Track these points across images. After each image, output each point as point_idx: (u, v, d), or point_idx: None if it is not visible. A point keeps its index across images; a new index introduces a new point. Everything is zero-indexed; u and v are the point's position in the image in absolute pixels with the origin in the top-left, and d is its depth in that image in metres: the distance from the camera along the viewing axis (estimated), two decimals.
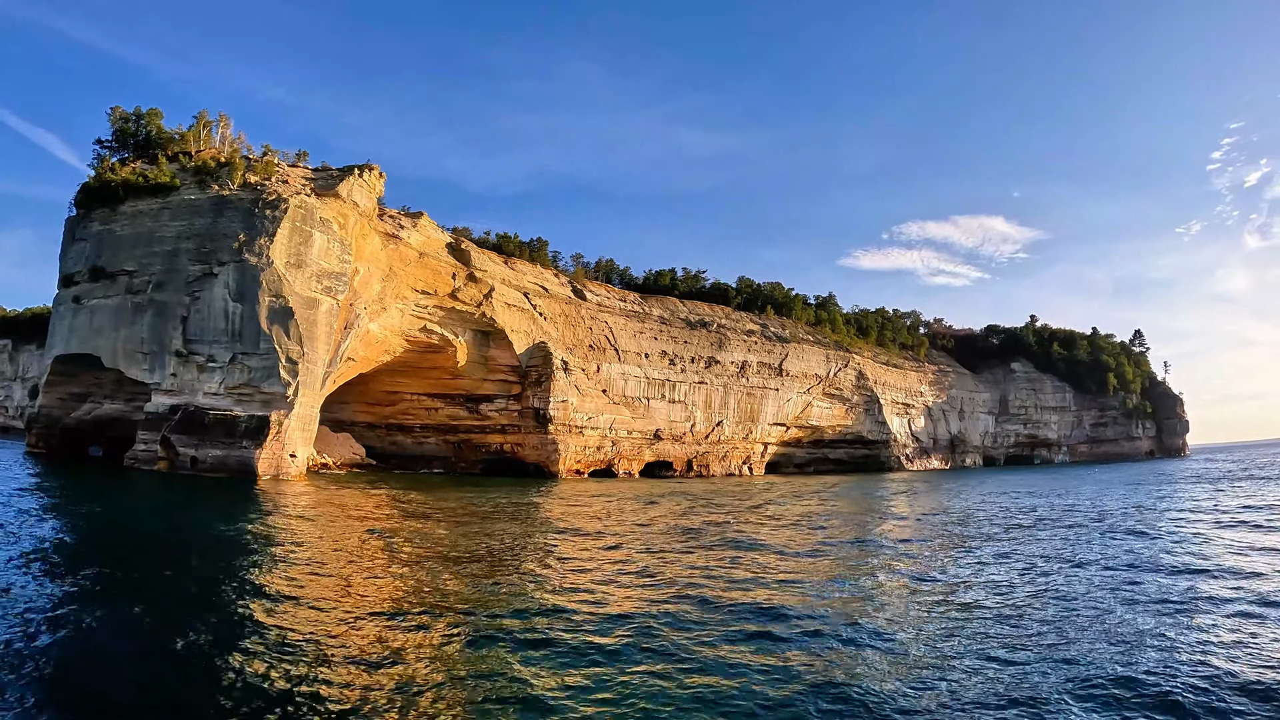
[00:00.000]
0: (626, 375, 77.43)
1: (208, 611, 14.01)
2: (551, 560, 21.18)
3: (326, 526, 25.96)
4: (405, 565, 19.54)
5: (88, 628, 12.72)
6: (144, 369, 44.56)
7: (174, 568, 17.96)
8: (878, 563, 21.67)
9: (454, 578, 17.97)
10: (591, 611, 14.76)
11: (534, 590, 16.71)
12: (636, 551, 22.75)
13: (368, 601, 15.27)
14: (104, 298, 46.74)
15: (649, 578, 18.65)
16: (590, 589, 17.00)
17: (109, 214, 49.58)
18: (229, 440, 41.70)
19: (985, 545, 24.85)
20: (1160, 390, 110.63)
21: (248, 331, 43.26)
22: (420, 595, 15.95)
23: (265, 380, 42.65)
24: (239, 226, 45.28)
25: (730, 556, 22.12)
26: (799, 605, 15.60)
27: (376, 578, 17.80)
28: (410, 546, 22.54)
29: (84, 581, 16.05)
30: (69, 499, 32.23)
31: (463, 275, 64.30)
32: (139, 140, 56.19)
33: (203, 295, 44.35)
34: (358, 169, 52.78)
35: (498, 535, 25.39)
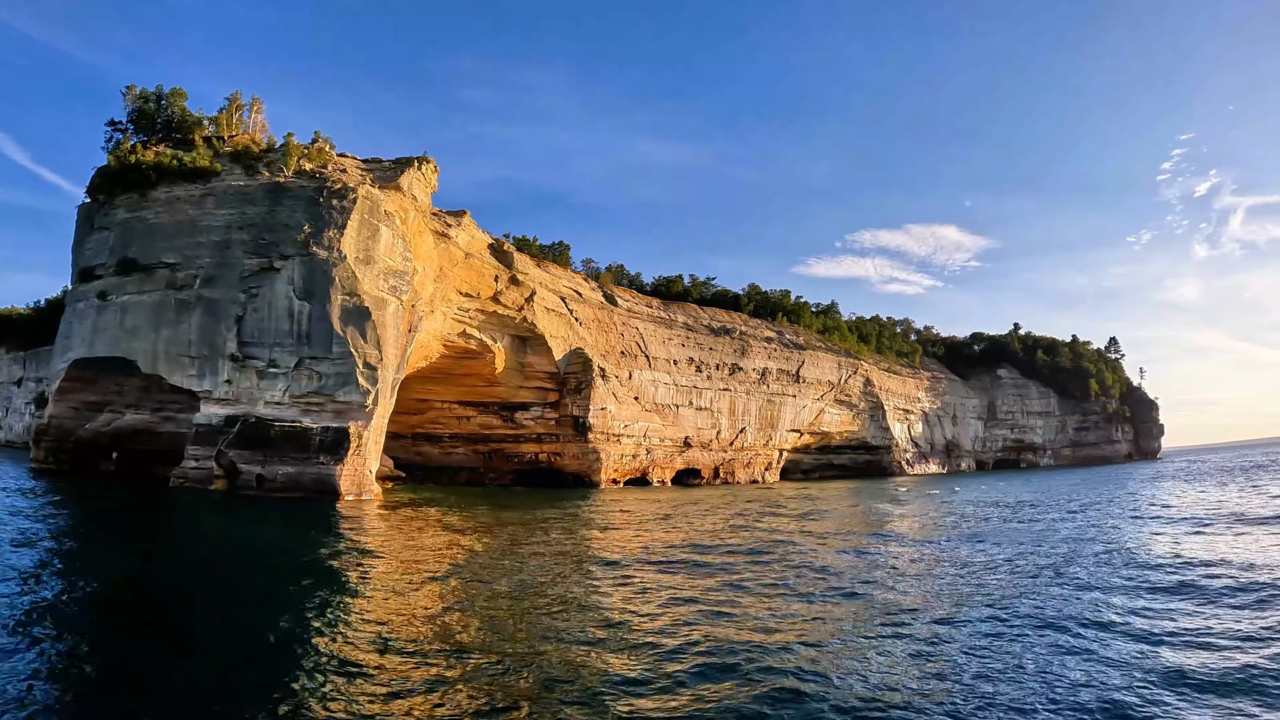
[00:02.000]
0: (657, 382, 76.04)
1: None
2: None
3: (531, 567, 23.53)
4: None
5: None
6: (191, 375, 39.83)
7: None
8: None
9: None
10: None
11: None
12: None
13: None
14: (139, 294, 41.61)
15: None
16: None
17: (138, 200, 44.36)
18: (301, 456, 37.69)
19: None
20: (1137, 395, 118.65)
21: (317, 333, 39.37)
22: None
23: (340, 388, 38.87)
24: (302, 217, 41.29)
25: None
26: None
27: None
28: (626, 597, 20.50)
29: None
30: (146, 535, 28.29)
31: (505, 278, 61.37)
32: (160, 122, 50.77)
33: (261, 292, 40.11)
34: (416, 161, 49.41)
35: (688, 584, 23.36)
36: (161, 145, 49.58)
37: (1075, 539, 26.79)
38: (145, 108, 51.06)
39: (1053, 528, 30.89)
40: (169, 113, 51.14)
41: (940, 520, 36.62)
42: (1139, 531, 28.39)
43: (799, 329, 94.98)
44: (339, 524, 29.42)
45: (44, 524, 26.33)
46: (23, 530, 24.05)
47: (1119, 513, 36.35)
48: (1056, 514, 37.15)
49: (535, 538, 28.16)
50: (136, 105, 51.30)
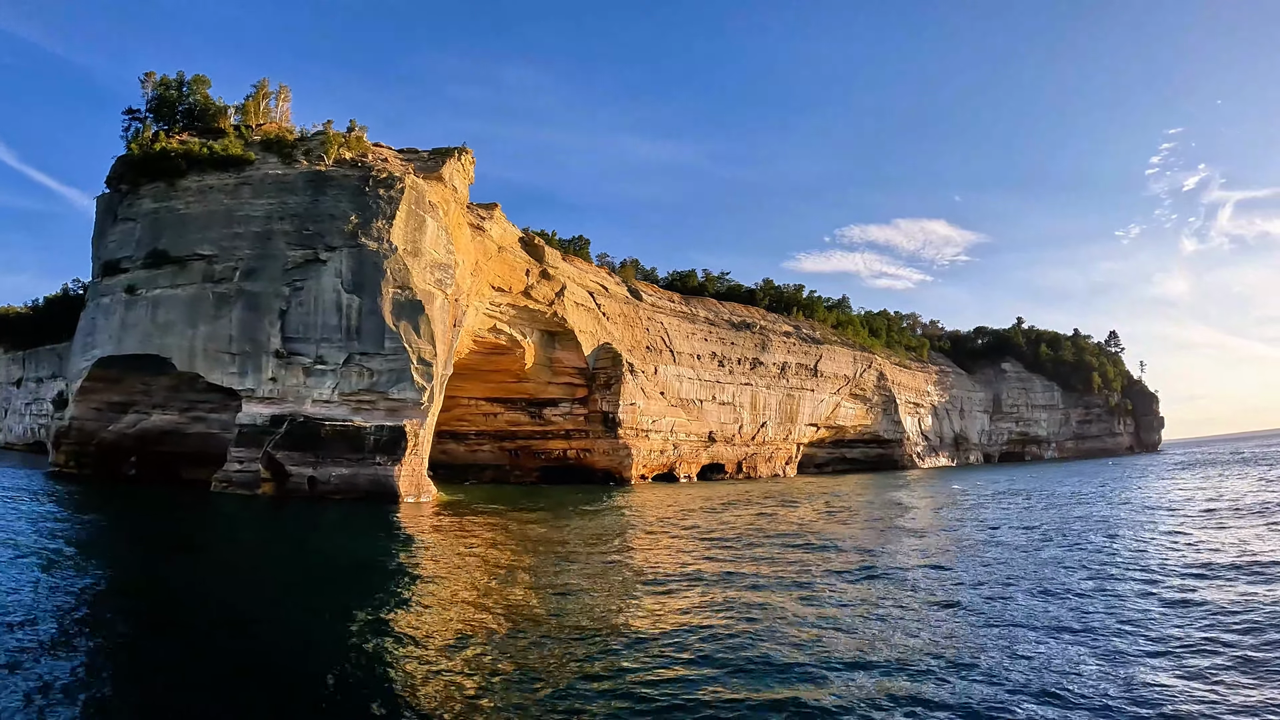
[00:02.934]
0: (681, 377, 75.17)
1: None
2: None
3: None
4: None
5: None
6: (232, 373, 37.89)
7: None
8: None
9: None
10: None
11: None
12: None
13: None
14: (172, 287, 39.48)
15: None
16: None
17: (166, 189, 42.12)
18: (355, 457, 36.06)
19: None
20: (1138, 389, 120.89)
21: (368, 328, 37.69)
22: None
23: (394, 385, 37.27)
24: (348, 207, 39.48)
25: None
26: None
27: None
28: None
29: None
30: (209, 546, 26.73)
31: (536, 272, 59.93)
32: (182, 110, 48.37)
33: (307, 285, 38.27)
34: (456, 152, 47.71)
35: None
36: (185, 134, 47.31)
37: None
38: (167, 95, 48.63)
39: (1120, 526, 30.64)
40: (191, 100, 48.80)
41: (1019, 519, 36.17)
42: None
43: (814, 323, 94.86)
44: (413, 530, 28.04)
45: (93, 534, 24.61)
46: (79, 543, 22.37)
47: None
48: (1107, 507, 37.06)
49: (620, 537, 27.12)
50: (157, 93, 48.83)
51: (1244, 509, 31.94)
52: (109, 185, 46.81)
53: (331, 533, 28.34)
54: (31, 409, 72.37)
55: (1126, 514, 32.92)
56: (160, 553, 22.97)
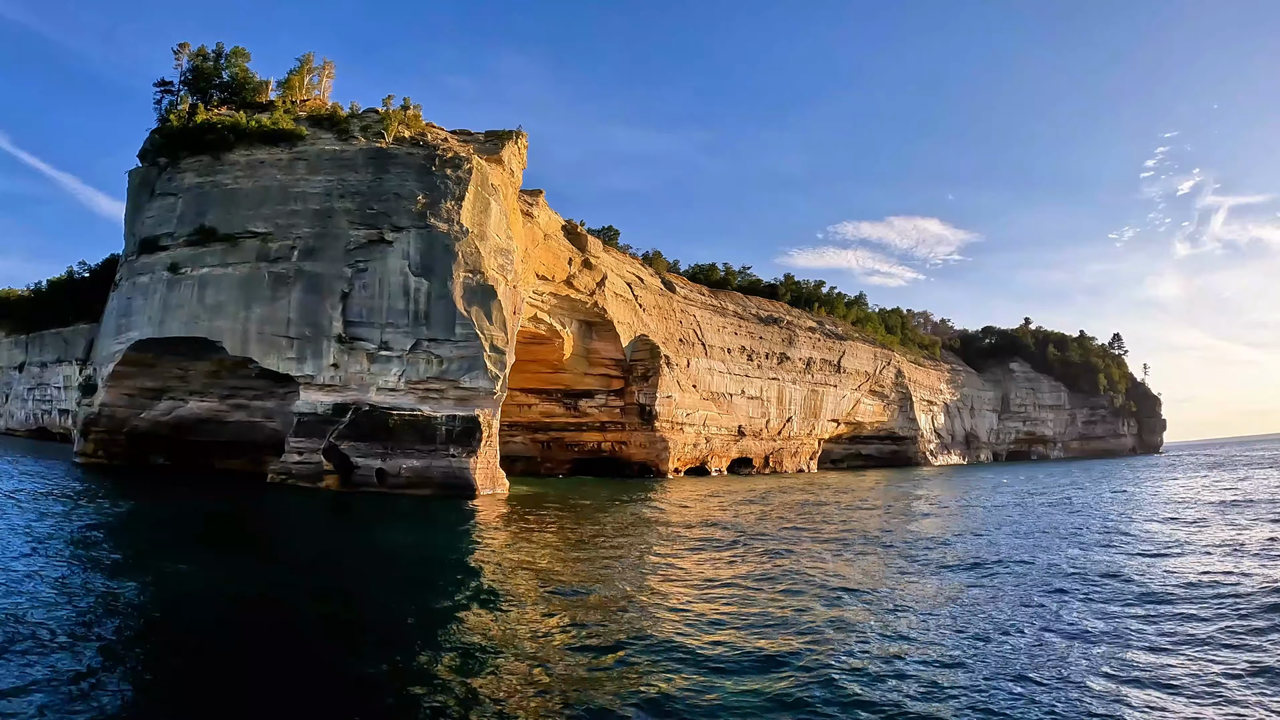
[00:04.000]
0: (712, 370, 74.11)
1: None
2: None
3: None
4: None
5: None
6: (290, 358, 35.74)
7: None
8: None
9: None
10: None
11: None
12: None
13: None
14: (222, 266, 37.13)
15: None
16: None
17: (211, 163, 39.67)
18: (427, 448, 34.24)
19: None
20: (1141, 391, 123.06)
21: (437, 313, 35.81)
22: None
23: (466, 373, 35.47)
24: (415, 186, 37.47)
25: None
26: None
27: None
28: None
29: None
30: (286, 542, 24.99)
31: (578, 261, 58.23)
32: (220, 83, 45.74)
33: (371, 267, 36.22)
34: (513, 135, 45.76)
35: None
36: (224, 107, 44.75)
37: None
38: (203, 67, 45.98)
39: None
40: (230, 73, 46.15)
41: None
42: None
43: (836, 320, 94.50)
44: (499, 524, 26.52)
45: (154, 532, 22.62)
46: (143, 540, 20.56)
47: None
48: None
49: (705, 528, 25.92)
50: (193, 64, 46.15)
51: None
52: (142, 159, 44.14)
53: (415, 528, 26.60)
54: (35, 394, 68.63)
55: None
56: (241, 550, 21.19)
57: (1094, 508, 35.46)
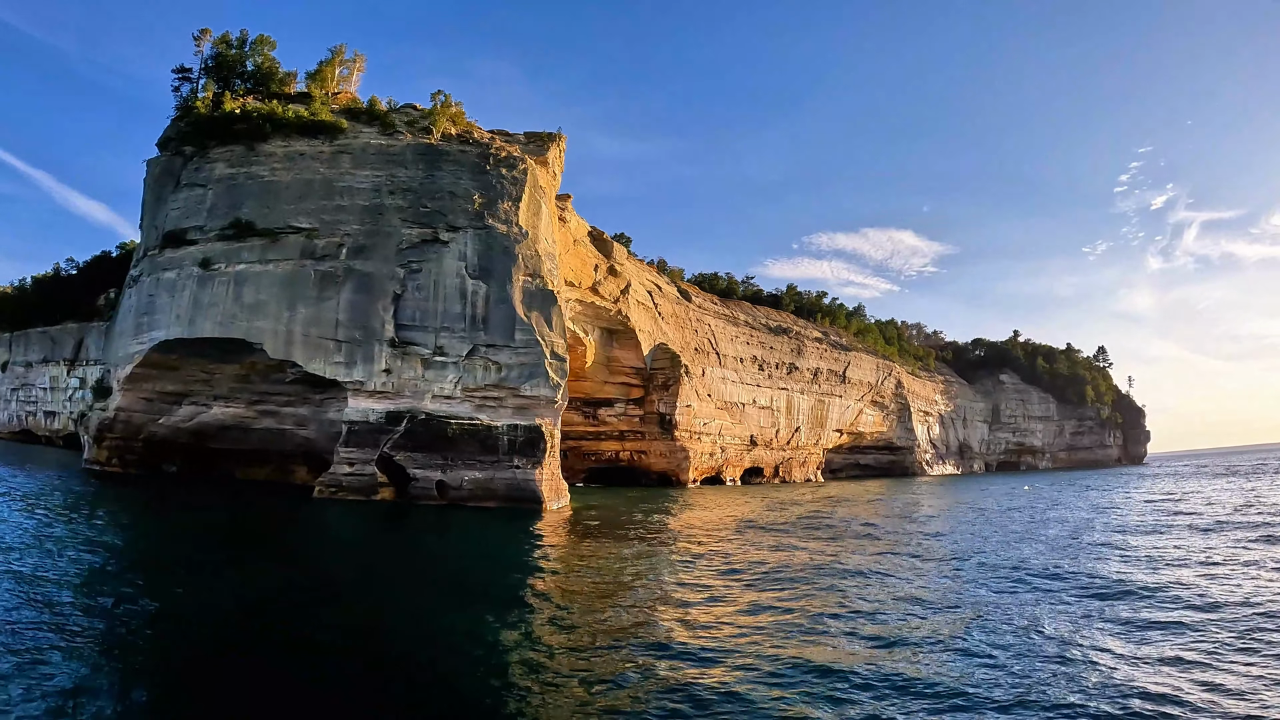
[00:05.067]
0: (726, 379, 73.74)
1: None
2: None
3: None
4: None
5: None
6: (337, 362, 33.83)
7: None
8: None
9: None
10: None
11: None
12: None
13: None
14: (261, 263, 35.03)
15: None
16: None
17: (244, 154, 37.56)
18: (489, 459, 32.69)
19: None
20: (1126, 403, 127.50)
21: (497, 318, 34.39)
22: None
23: (527, 380, 34.08)
24: (471, 185, 36.05)
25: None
26: None
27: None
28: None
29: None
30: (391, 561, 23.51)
31: (604, 268, 57.30)
32: (245, 72, 43.56)
33: (426, 268, 34.62)
34: (557, 137, 44.66)
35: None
36: (249, 97, 42.61)
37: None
38: (227, 55, 43.70)
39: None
40: (256, 62, 44.00)
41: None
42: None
43: (839, 330, 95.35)
44: (577, 539, 25.36)
45: (211, 547, 20.92)
46: (197, 558, 18.95)
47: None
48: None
49: (776, 534, 25.18)
50: (217, 51, 43.81)
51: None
52: (163, 148, 41.64)
53: (491, 542, 25.24)
54: (19, 395, 64.07)
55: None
56: (308, 567, 19.66)
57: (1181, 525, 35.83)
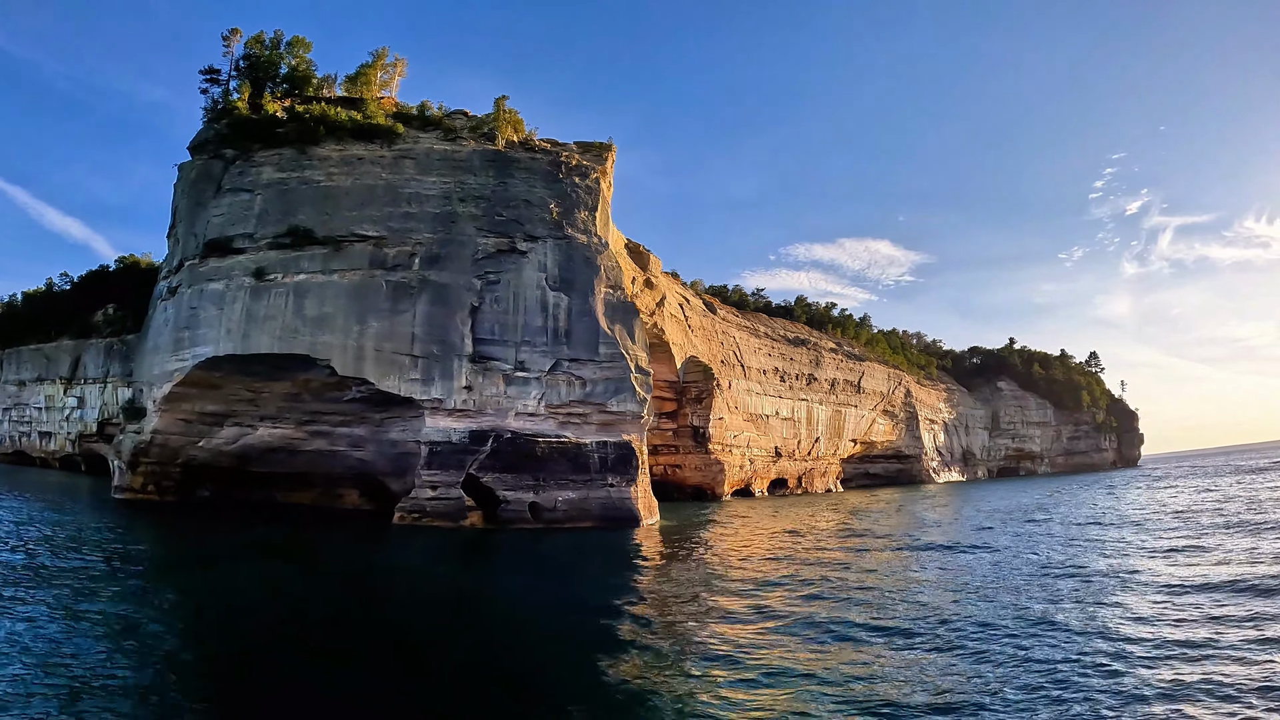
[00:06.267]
0: (751, 391, 73.02)
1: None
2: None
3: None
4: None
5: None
6: (413, 379, 31.70)
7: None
8: None
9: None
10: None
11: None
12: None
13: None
14: (325, 273, 32.77)
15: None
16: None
17: (295, 157, 35.36)
18: (581, 478, 30.94)
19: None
20: (1120, 407, 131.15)
21: (579, 331, 32.80)
22: None
23: (613, 396, 32.49)
24: (545, 193, 34.49)
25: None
26: None
27: None
28: None
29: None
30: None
31: (640, 280, 55.82)
32: (277, 75, 41.33)
33: (504, 279, 32.85)
34: (610, 147, 43.23)
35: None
36: (286, 100, 40.40)
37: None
38: (261, 55, 41.37)
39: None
40: (292, 64, 41.80)
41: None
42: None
43: (849, 340, 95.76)
44: (695, 558, 23.95)
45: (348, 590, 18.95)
46: (322, 595, 17.08)
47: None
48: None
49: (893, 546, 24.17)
50: (252, 51, 41.48)
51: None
52: (197, 152, 39.08)
53: (623, 565, 23.59)
54: (11, 415, 59.26)
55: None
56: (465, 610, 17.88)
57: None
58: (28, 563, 19.53)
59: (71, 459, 59.51)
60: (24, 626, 13.27)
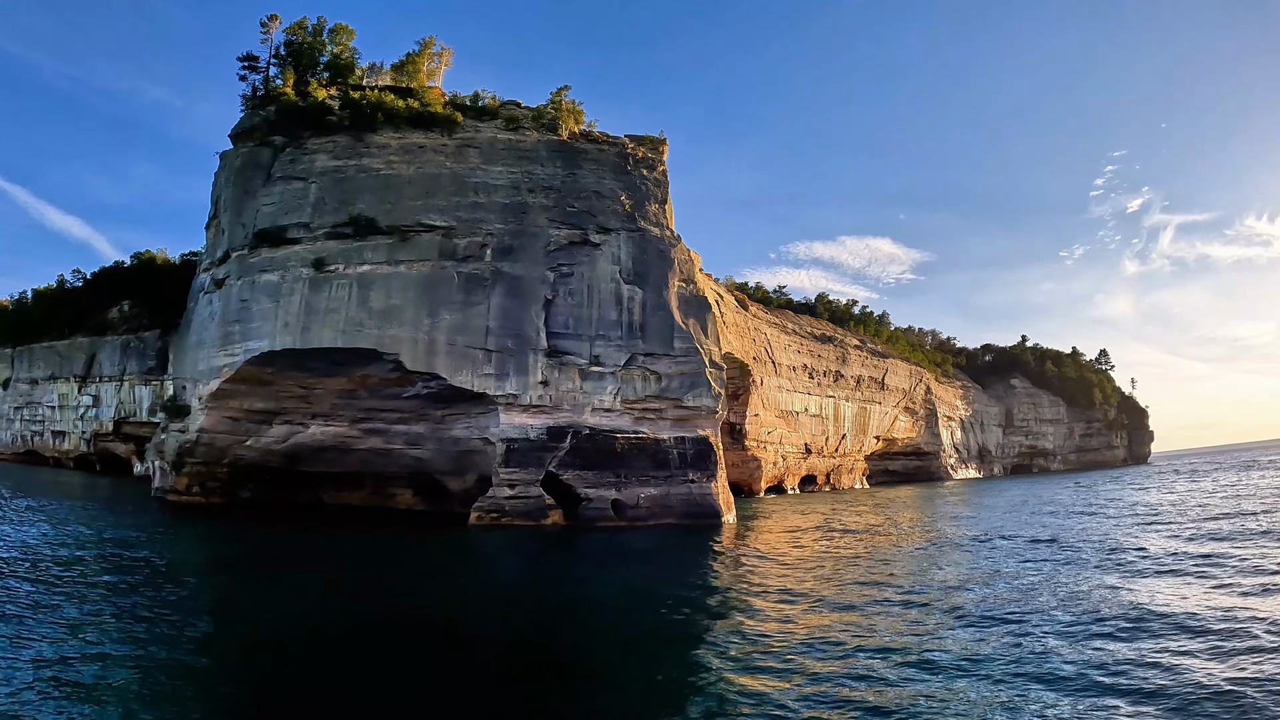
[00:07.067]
0: (781, 388, 72.31)
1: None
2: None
3: None
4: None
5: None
6: (487, 374, 30.48)
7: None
8: None
9: None
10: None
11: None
12: None
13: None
14: (391, 264, 31.46)
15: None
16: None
17: (351, 145, 34.05)
18: (661, 474, 29.95)
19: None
20: (1130, 404, 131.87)
21: (654, 325, 31.75)
22: None
23: (688, 391, 31.50)
24: (615, 185, 33.42)
25: None
26: None
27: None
28: None
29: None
30: None
31: None
32: (320, 63, 39.99)
33: (577, 271, 31.73)
34: (663, 141, 42.11)
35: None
36: (331, 88, 39.01)
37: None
38: (304, 42, 39.92)
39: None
40: (334, 51, 40.41)
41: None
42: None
43: (871, 337, 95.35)
44: (792, 553, 23.03)
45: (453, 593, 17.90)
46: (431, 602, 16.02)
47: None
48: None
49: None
50: (295, 38, 40.05)
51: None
52: (241, 139, 37.61)
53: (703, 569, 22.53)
54: (23, 414, 57.04)
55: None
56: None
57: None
58: (120, 581, 18.23)
59: (86, 458, 57.60)
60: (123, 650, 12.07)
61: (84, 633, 12.43)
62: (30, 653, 11.13)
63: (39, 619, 13.09)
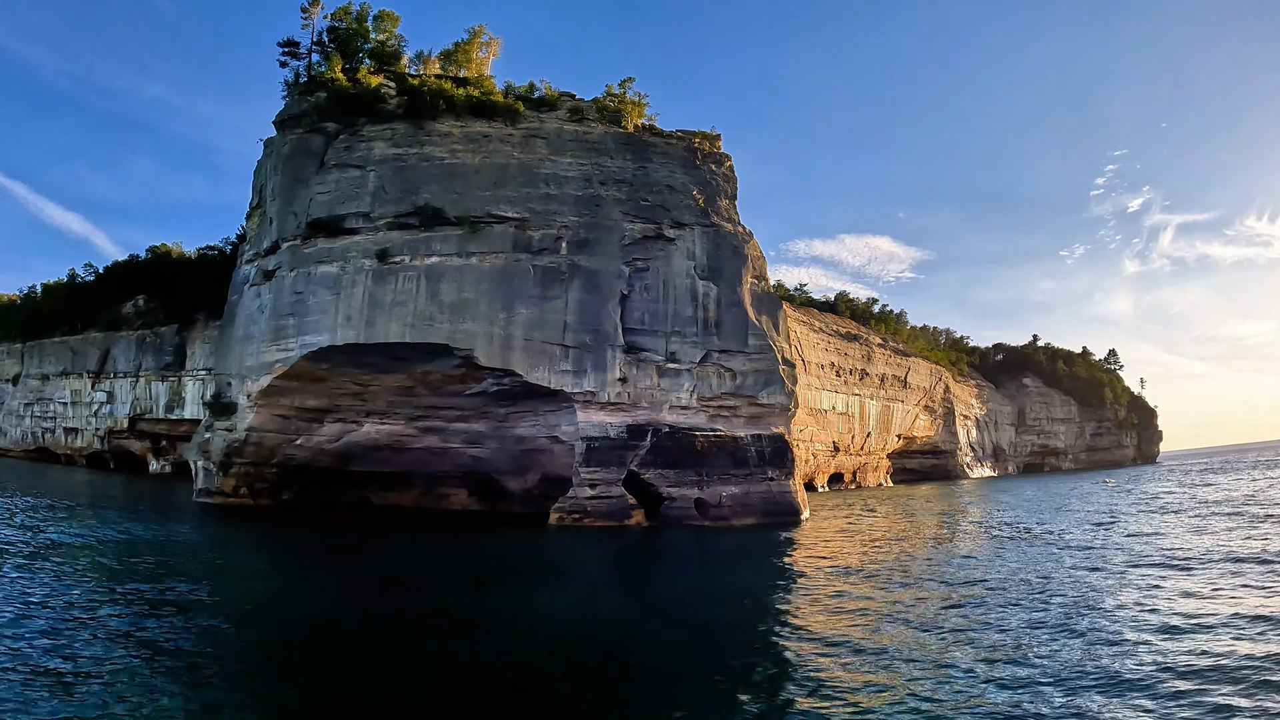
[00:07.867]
0: (810, 386, 71.72)
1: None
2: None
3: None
4: None
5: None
6: (564, 370, 29.45)
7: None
8: None
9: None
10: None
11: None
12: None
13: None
14: (462, 256, 30.33)
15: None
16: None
17: (411, 133, 32.89)
18: (740, 472, 29.17)
19: None
20: (1139, 404, 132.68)
21: (728, 322, 30.92)
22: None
23: (763, 388, 30.72)
24: (686, 180, 32.49)
25: None
26: None
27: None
28: None
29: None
30: None
31: None
32: (364, 50, 38.74)
33: (652, 266, 30.81)
34: (717, 136, 41.07)
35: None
36: (381, 75, 37.78)
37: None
38: (349, 28, 38.62)
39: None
40: (381, 38, 39.17)
41: None
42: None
43: (892, 336, 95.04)
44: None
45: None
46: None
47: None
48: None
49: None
50: (341, 24, 38.72)
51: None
52: (288, 126, 36.22)
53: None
54: (34, 410, 54.96)
55: None
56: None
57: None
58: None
59: (100, 456, 55.74)
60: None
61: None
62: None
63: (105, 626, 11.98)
